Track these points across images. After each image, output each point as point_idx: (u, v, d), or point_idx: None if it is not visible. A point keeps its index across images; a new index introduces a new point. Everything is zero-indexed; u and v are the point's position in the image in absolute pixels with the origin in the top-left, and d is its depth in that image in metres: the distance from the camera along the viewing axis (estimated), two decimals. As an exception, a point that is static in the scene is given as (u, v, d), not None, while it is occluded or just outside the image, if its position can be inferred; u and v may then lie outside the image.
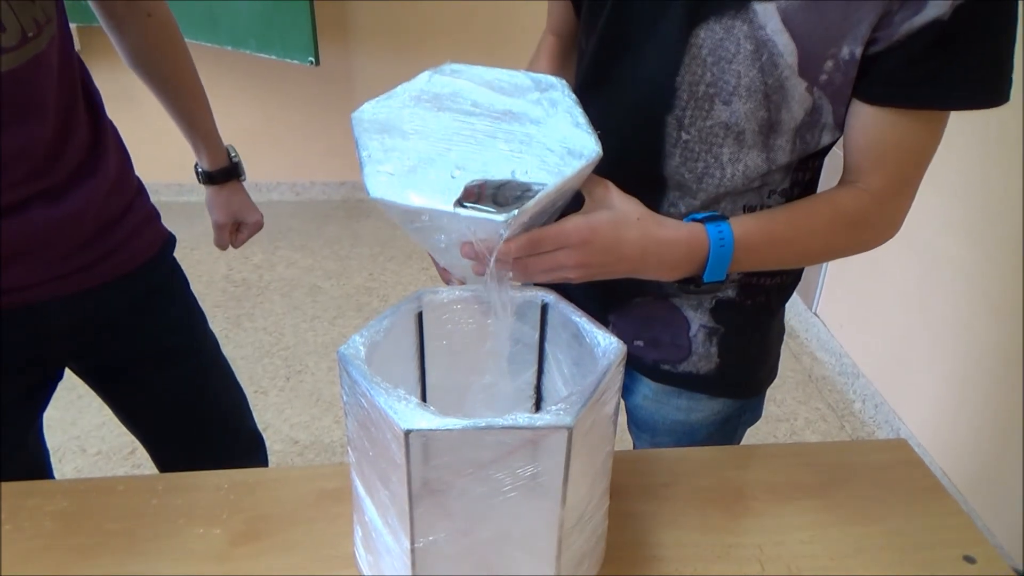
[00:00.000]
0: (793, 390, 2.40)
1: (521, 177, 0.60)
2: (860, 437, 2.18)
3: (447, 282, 0.76)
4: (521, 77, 0.65)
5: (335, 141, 3.49)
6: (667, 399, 0.92)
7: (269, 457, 1.35)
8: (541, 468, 0.55)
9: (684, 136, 0.74)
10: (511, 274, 0.64)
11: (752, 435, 1.01)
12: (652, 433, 0.97)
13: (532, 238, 0.62)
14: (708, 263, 0.70)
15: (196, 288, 1.14)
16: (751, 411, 0.98)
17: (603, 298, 0.86)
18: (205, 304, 1.16)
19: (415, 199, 0.59)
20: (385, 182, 0.60)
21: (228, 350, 1.20)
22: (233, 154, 1.19)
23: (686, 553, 0.74)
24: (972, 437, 1.84)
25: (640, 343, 0.89)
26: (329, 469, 0.83)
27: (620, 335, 0.88)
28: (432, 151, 0.62)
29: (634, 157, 0.78)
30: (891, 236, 0.76)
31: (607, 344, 0.61)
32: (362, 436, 0.60)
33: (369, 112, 0.66)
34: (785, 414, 2.28)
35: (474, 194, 0.59)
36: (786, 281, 0.89)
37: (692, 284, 0.73)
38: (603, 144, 0.63)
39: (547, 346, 0.72)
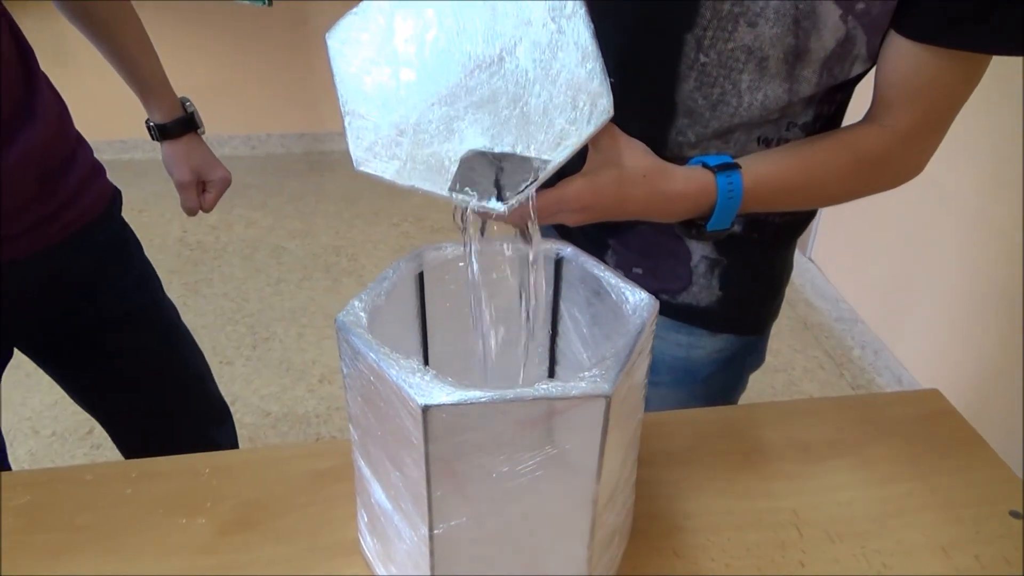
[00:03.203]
0: (789, 338, 2.40)
1: (521, 150, 0.56)
2: (860, 385, 2.20)
3: None
4: None
5: (292, 89, 3.38)
6: (666, 334, 0.91)
7: (240, 432, 1.34)
8: (574, 442, 0.52)
9: (702, 58, 0.71)
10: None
11: (749, 388, 1.00)
12: (652, 371, 0.96)
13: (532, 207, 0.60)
14: (714, 214, 0.69)
15: (148, 253, 1.12)
16: (755, 353, 0.97)
17: (603, 222, 0.84)
18: (160, 270, 1.14)
19: (407, 178, 0.57)
20: (371, 151, 0.57)
21: (188, 319, 1.18)
22: (188, 103, 1.14)
23: (717, 521, 0.72)
24: (979, 379, 1.85)
25: (639, 271, 0.88)
26: (321, 446, 0.80)
27: (619, 261, 0.89)
28: (421, 103, 0.58)
29: (646, 76, 0.75)
30: (912, 177, 0.75)
31: (637, 300, 0.58)
32: (368, 413, 0.56)
33: (347, 32, 0.60)
34: (782, 364, 2.28)
35: (471, 160, 0.57)
36: (798, 218, 0.87)
37: (694, 230, 0.72)
38: (615, 59, 0.59)
39: (562, 304, 0.69)
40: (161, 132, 1.12)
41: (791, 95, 0.72)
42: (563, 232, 0.92)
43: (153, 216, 2.94)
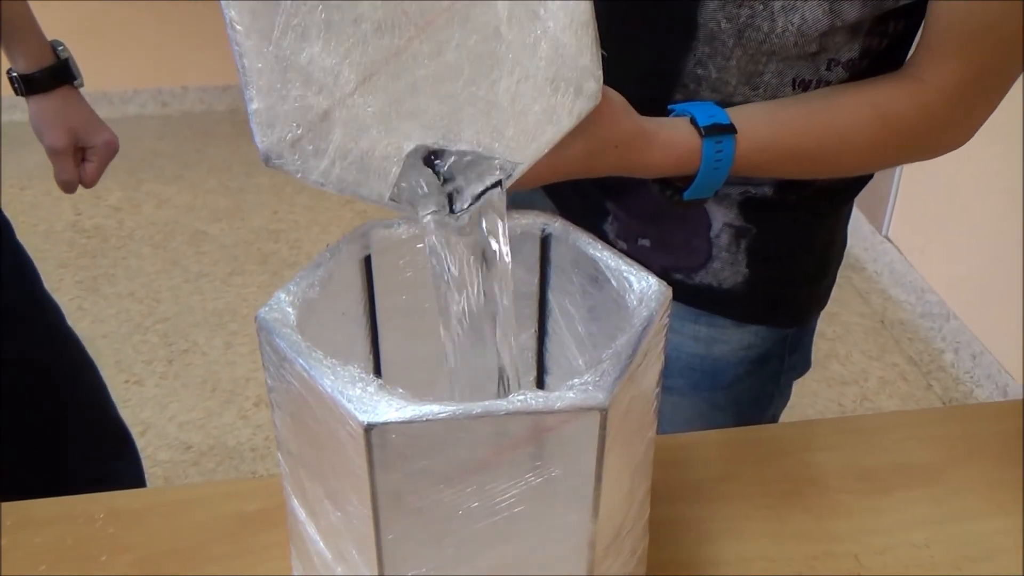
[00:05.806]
0: (861, 341, 2.42)
1: (484, 147, 0.57)
2: (954, 399, 2.21)
3: None
4: None
5: (211, 30, 3.38)
6: (680, 325, 0.92)
7: (153, 471, 1.36)
8: (563, 469, 0.52)
9: None
10: None
11: (809, 406, 1.01)
12: (663, 374, 0.97)
13: None
14: (694, 183, 0.71)
15: (34, 242, 1.14)
16: (797, 352, 0.98)
17: (600, 181, 0.85)
18: (48, 264, 1.15)
19: (335, 180, 0.57)
20: (286, 141, 0.56)
21: (84, 326, 1.20)
22: (60, 48, 1.16)
23: (755, 570, 0.74)
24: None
25: (646, 242, 0.90)
26: (247, 484, 0.82)
27: (622, 229, 0.91)
28: (354, 77, 0.57)
29: None
30: (957, 147, 0.76)
31: (644, 287, 0.58)
32: (299, 436, 0.57)
33: None
34: (852, 374, 2.30)
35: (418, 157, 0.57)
36: (843, 182, 0.88)
37: (669, 191, 0.74)
38: None
39: (551, 295, 0.70)
40: (27, 84, 1.13)
41: (833, 18, 0.73)
42: (553, 194, 0.93)
43: (37, 195, 2.94)
